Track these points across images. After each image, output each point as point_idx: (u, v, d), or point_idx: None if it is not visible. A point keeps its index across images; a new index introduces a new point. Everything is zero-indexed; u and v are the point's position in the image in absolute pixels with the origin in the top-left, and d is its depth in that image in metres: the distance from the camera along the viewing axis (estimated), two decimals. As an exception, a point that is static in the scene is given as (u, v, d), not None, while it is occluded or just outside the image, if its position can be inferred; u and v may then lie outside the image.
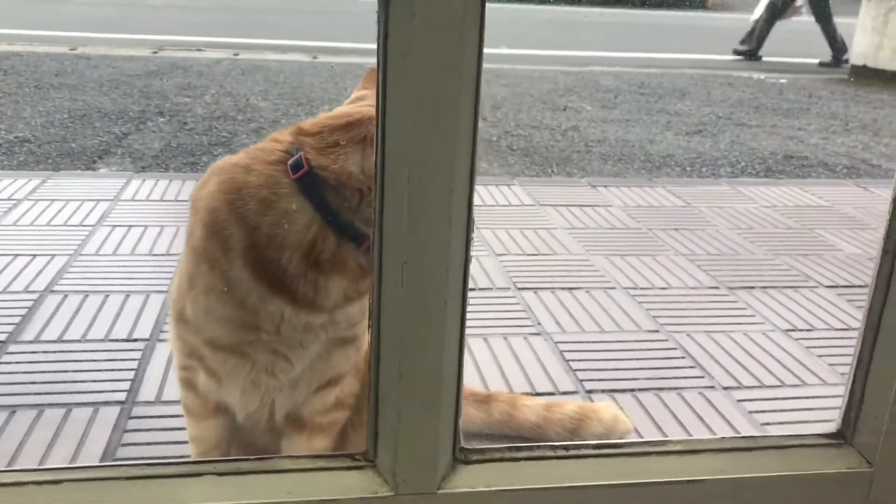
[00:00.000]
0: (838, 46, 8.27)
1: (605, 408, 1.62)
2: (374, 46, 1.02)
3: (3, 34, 7.34)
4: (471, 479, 1.08)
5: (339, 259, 1.15)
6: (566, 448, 1.13)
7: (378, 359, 1.02)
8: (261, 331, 1.18)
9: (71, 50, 6.94)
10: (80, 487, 1.00)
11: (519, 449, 1.12)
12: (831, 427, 1.19)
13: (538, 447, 1.13)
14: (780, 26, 8.63)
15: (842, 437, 1.18)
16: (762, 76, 7.69)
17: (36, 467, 1.42)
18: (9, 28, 7.67)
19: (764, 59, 8.36)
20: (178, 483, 1.03)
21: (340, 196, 1.14)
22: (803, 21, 8.71)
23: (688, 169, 4.22)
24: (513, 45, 8.16)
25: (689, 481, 1.12)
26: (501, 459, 1.11)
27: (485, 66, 0.94)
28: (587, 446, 1.15)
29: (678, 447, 1.16)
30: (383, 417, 1.04)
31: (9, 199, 2.82)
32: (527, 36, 9.35)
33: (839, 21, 8.39)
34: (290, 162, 1.14)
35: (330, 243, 1.14)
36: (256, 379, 1.24)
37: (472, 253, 1.02)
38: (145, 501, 1.00)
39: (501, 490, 1.08)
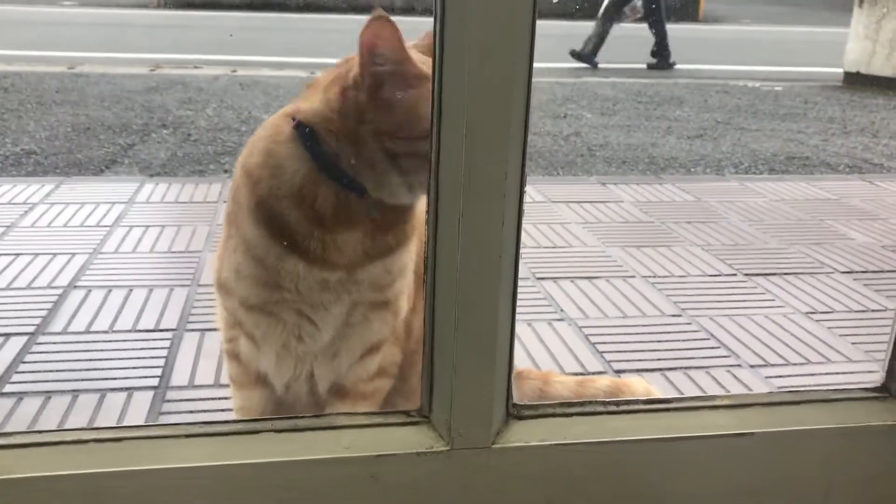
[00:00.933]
0: (666, 52, 8.26)
1: (637, 382, 1.62)
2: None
3: (2, 55, 7.35)
4: (524, 433, 1.09)
5: (345, 212, 1.14)
6: (616, 404, 1.14)
7: (433, 312, 1.03)
8: (283, 290, 1.18)
9: (70, 69, 6.95)
10: (140, 445, 1.01)
11: (570, 405, 1.13)
12: (876, 380, 1.20)
13: (589, 403, 1.14)
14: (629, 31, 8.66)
15: (886, 390, 1.19)
16: (757, 84, 7.75)
17: (96, 426, 1.41)
18: (7, 49, 7.69)
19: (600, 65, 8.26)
20: (236, 440, 1.03)
21: (332, 143, 1.13)
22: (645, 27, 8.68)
23: (692, 170, 4.25)
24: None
25: (737, 434, 1.13)
26: (553, 415, 1.11)
27: None
28: (637, 402, 1.16)
29: (727, 401, 1.17)
30: (439, 371, 1.05)
31: (24, 202, 2.82)
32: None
33: (830, 30, 8.47)
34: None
35: (329, 195, 1.13)
36: (287, 343, 1.25)
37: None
38: (204, 458, 1.00)
39: (554, 444, 1.09)
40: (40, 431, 1.00)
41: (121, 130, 4.58)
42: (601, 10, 8.26)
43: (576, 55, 8.09)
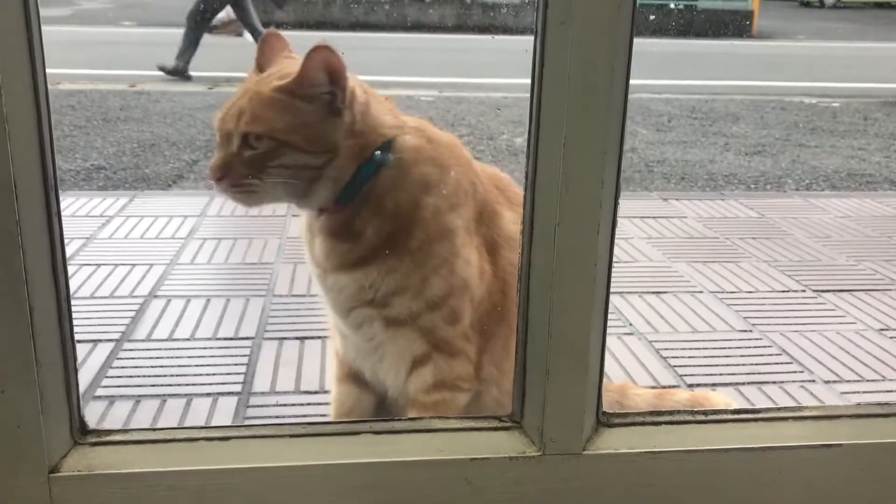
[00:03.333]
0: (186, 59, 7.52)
1: (716, 396, 1.63)
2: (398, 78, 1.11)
3: (67, 74, 7.59)
4: (614, 441, 1.11)
5: (311, 217, 1.27)
6: (705, 413, 1.16)
7: (527, 320, 1.06)
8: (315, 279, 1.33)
9: (131, 87, 7.15)
10: (246, 444, 1.05)
11: (658, 413, 1.15)
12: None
13: (678, 412, 1.16)
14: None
15: (978, 405, 1.19)
16: (814, 100, 7.65)
17: (205, 425, 1.47)
18: (72, 68, 7.93)
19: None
20: (337, 440, 1.07)
21: None
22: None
23: (752, 186, 4.22)
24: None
25: (825, 445, 1.13)
26: (643, 423, 1.13)
27: (526, 94, 1.00)
28: (725, 412, 1.17)
29: (814, 412, 1.17)
30: (531, 378, 1.08)
31: (101, 215, 2.92)
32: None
33: (888, 46, 8.32)
34: None
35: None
36: (344, 332, 1.36)
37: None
38: (307, 457, 1.04)
39: (643, 452, 1.10)
40: (155, 429, 1.05)
41: (185, 146, 4.70)
42: (186, 21, 7.62)
43: (168, 70, 7.42)
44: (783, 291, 2.41)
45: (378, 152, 1.22)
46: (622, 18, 0.94)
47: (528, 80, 1.00)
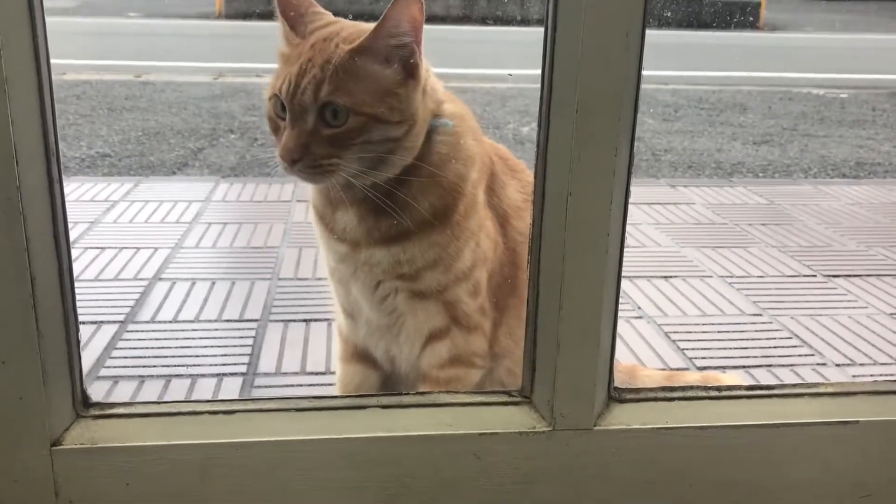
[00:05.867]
0: None
1: (727, 377, 1.61)
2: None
3: (73, 64, 7.57)
4: (625, 416, 1.09)
5: (336, 190, 1.17)
6: (718, 389, 1.13)
7: (538, 291, 1.04)
8: (329, 255, 1.26)
9: (136, 77, 7.12)
10: (252, 417, 1.03)
11: (672, 389, 1.13)
12: None
13: (691, 388, 1.13)
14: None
15: None
16: (821, 91, 7.60)
17: (211, 398, 1.45)
18: (78, 59, 7.90)
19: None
20: (344, 414, 1.05)
21: None
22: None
23: (760, 175, 4.18)
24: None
25: (842, 422, 1.11)
26: (655, 399, 1.11)
27: (531, 85, 0.97)
28: (739, 387, 1.15)
29: (831, 389, 1.15)
30: (542, 351, 1.06)
31: (105, 199, 2.91)
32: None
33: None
34: None
35: None
36: (354, 312, 1.31)
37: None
38: (313, 431, 1.02)
39: (656, 428, 1.08)
40: (159, 402, 1.04)
41: (190, 135, 4.68)
42: None
43: None
44: (794, 276, 2.39)
45: (440, 118, 1.17)
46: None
47: (533, 71, 0.97)
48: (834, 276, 2.39)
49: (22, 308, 0.93)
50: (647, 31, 0.96)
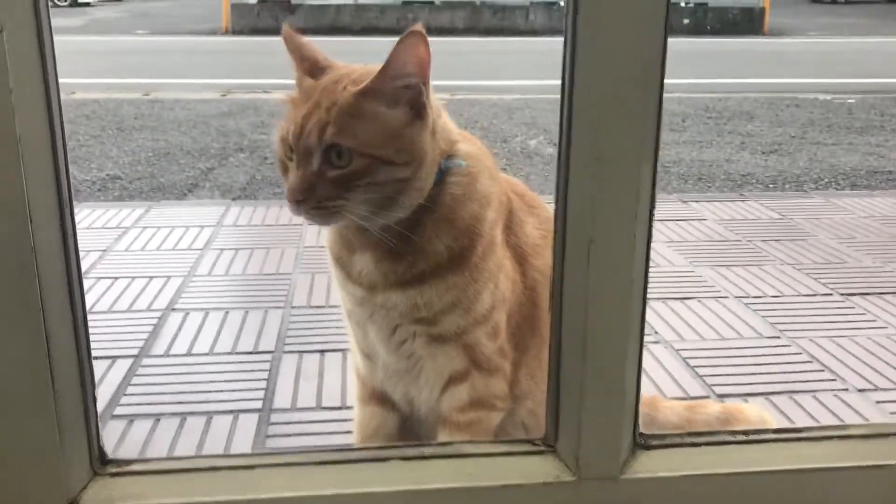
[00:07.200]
0: None
1: (750, 408, 1.58)
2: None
3: (81, 83, 7.60)
4: (652, 464, 1.07)
5: (354, 232, 1.16)
6: (745, 433, 1.12)
7: (560, 341, 1.02)
8: (346, 297, 1.25)
9: (144, 95, 7.14)
10: (271, 473, 1.02)
11: (699, 434, 1.11)
12: None
13: (718, 433, 1.12)
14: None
15: None
16: (828, 97, 7.57)
17: (229, 453, 1.44)
18: (87, 77, 7.94)
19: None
20: (365, 467, 1.04)
21: None
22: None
23: (770, 186, 4.16)
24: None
25: (873, 466, 1.09)
26: (681, 445, 1.09)
27: (537, 96, 0.95)
28: (766, 431, 1.13)
29: (860, 431, 1.13)
30: (565, 401, 1.04)
31: (117, 226, 2.90)
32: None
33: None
34: None
35: None
36: (371, 353, 1.29)
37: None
38: (335, 485, 1.01)
39: (683, 475, 1.06)
40: (176, 458, 1.02)
41: (199, 155, 4.69)
42: None
43: None
44: (810, 295, 2.36)
45: (453, 159, 1.15)
46: (655, 16, 0.90)
47: (540, 82, 0.95)
48: (851, 295, 2.36)
49: (37, 367, 0.92)
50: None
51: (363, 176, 1.06)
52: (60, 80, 0.91)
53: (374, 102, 1.07)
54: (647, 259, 1.01)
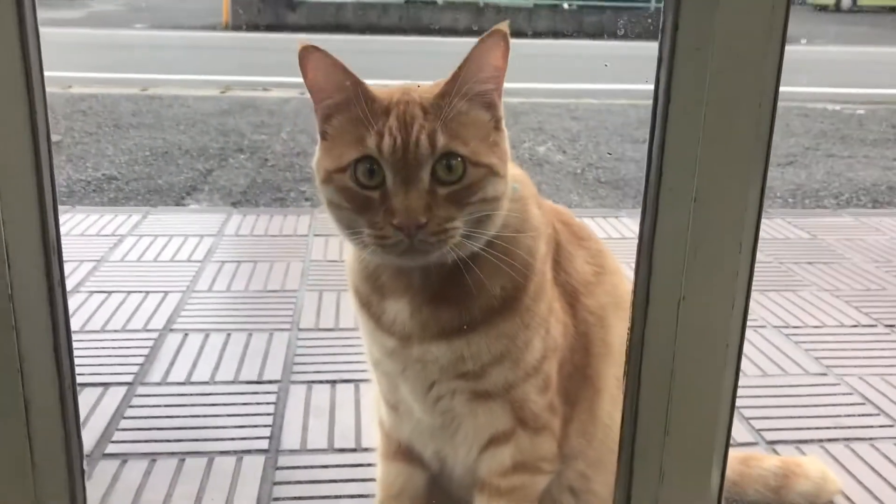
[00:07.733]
0: None
1: (810, 462, 1.43)
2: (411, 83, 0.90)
3: (79, 77, 7.42)
4: (735, 552, 0.91)
5: (388, 274, 1.01)
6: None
7: (636, 411, 0.87)
8: (374, 347, 1.09)
9: (142, 91, 6.98)
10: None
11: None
12: None
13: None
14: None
15: None
16: (837, 107, 7.44)
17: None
18: (84, 72, 7.76)
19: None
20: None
21: None
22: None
23: (790, 200, 4.02)
24: (575, 81, 8.01)
25: None
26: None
27: (549, 100, 0.80)
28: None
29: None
30: (640, 479, 0.88)
31: (112, 234, 2.74)
32: (590, 71, 9.23)
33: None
34: None
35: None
36: (400, 407, 1.14)
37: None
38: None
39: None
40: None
41: (198, 155, 4.53)
42: None
43: None
44: (853, 326, 2.21)
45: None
46: (772, 39, 0.75)
47: (545, 86, 0.80)
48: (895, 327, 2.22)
49: (15, 439, 0.76)
50: (652, 45, 0.78)
51: (478, 190, 0.91)
52: (58, 74, 0.75)
53: (467, 103, 0.92)
54: (745, 321, 0.86)
